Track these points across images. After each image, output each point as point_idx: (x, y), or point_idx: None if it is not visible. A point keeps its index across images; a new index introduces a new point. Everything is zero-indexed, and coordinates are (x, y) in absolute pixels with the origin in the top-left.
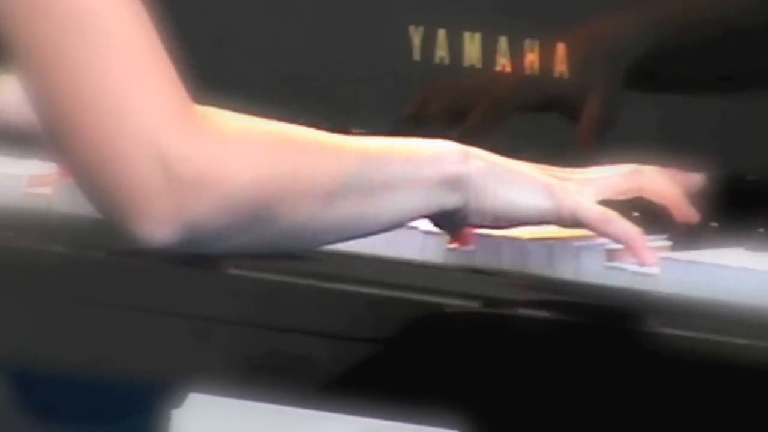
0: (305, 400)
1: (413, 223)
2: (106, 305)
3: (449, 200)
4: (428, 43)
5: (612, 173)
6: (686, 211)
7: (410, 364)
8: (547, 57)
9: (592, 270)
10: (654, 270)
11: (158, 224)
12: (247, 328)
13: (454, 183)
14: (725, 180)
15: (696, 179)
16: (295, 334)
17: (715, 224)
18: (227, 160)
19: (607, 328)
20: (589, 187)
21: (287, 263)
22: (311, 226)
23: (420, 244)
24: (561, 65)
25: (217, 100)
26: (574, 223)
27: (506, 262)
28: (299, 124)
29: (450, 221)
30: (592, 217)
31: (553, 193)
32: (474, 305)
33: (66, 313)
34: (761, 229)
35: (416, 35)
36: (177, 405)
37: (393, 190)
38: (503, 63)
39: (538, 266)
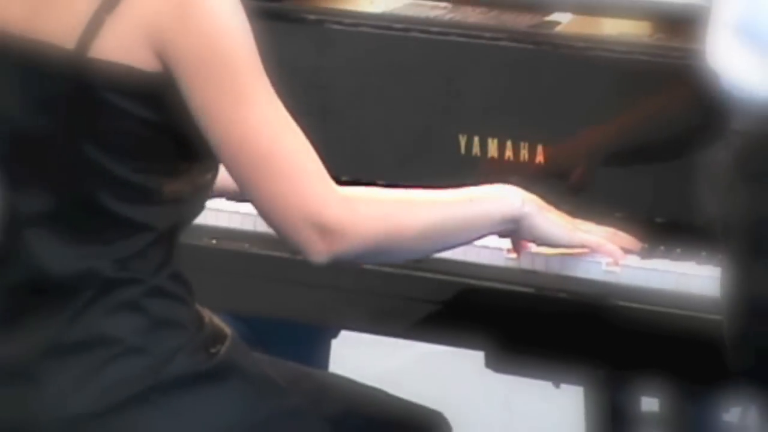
0: (401, 334)
1: (486, 242)
2: (308, 285)
3: (508, 228)
4: (471, 147)
5: (601, 229)
6: (637, 249)
7: (459, 311)
8: (532, 152)
9: (584, 270)
10: (618, 269)
11: (319, 256)
12: (376, 297)
13: (513, 220)
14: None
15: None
16: (409, 300)
17: (662, 247)
18: (356, 222)
19: (590, 301)
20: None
21: (412, 263)
22: (415, 252)
23: (489, 254)
24: (540, 157)
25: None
26: (580, 247)
27: (537, 265)
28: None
29: (508, 235)
30: (594, 243)
31: (570, 230)
32: (517, 288)
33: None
34: (678, 249)
35: (462, 140)
36: (335, 336)
37: (471, 225)
38: (509, 155)
39: (553, 268)
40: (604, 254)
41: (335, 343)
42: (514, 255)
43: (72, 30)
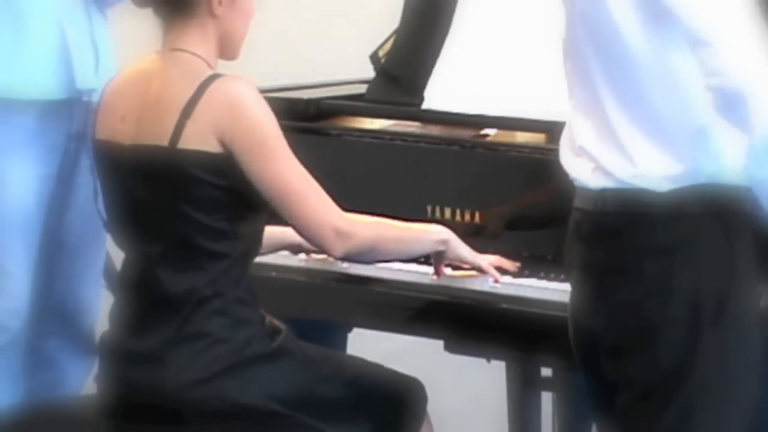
0: (396, 329)
1: (418, 268)
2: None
3: (440, 248)
4: (435, 212)
5: (492, 257)
6: (514, 268)
7: (435, 317)
8: (473, 216)
9: (478, 285)
10: (499, 285)
11: (336, 252)
12: (375, 306)
13: (442, 242)
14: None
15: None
16: (396, 308)
17: (552, 273)
18: (358, 231)
19: (508, 307)
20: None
21: (397, 287)
22: (389, 254)
23: (424, 276)
24: (478, 219)
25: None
26: (478, 267)
27: (448, 282)
28: None
29: (438, 258)
30: (485, 266)
31: (474, 255)
32: (460, 300)
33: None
34: (562, 276)
35: (428, 207)
36: (350, 330)
37: (417, 242)
38: (458, 218)
39: (460, 283)
40: (488, 273)
41: (350, 335)
42: (435, 277)
43: (165, 132)
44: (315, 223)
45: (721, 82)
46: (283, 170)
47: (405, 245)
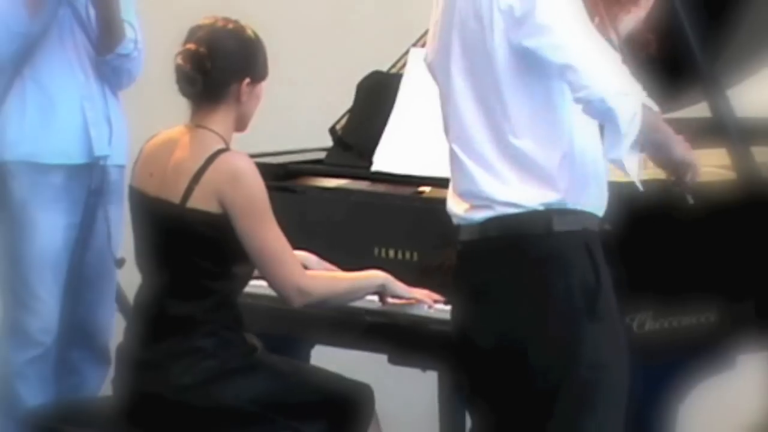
0: (349, 345)
1: (369, 297)
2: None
3: (379, 290)
4: (381, 253)
5: (423, 291)
6: (442, 300)
7: (380, 335)
8: (411, 255)
9: (415, 310)
10: (431, 310)
11: (295, 304)
12: (333, 327)
13: (381, 286)
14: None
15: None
16: (349, 329)
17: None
18: (315, 287)
19: (434, 327)
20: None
21: (351, 314)
22: (339, 302)
23: (372, 303)
24: (415, 257)
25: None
26: (413, 299)
27: (392, 308)
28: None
29: (381, 293)
30: (418, 296)
31: (408, 291)
32: (400, 322)
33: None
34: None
35: (376, 249)
36: (314, 345)
37: (362, 290)
38: (399, 257)
39: (401, 309)
40: (423, 302)
41: (313, 351)
42: (381, 303)
43: (178, 192)
44: (281, 281)
45: (587, 94)
46: (266, 236)
47: (352, 294)
